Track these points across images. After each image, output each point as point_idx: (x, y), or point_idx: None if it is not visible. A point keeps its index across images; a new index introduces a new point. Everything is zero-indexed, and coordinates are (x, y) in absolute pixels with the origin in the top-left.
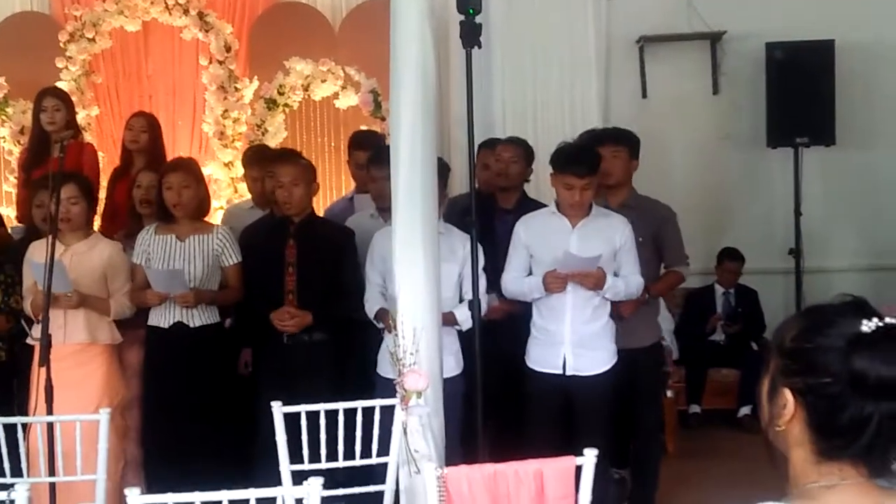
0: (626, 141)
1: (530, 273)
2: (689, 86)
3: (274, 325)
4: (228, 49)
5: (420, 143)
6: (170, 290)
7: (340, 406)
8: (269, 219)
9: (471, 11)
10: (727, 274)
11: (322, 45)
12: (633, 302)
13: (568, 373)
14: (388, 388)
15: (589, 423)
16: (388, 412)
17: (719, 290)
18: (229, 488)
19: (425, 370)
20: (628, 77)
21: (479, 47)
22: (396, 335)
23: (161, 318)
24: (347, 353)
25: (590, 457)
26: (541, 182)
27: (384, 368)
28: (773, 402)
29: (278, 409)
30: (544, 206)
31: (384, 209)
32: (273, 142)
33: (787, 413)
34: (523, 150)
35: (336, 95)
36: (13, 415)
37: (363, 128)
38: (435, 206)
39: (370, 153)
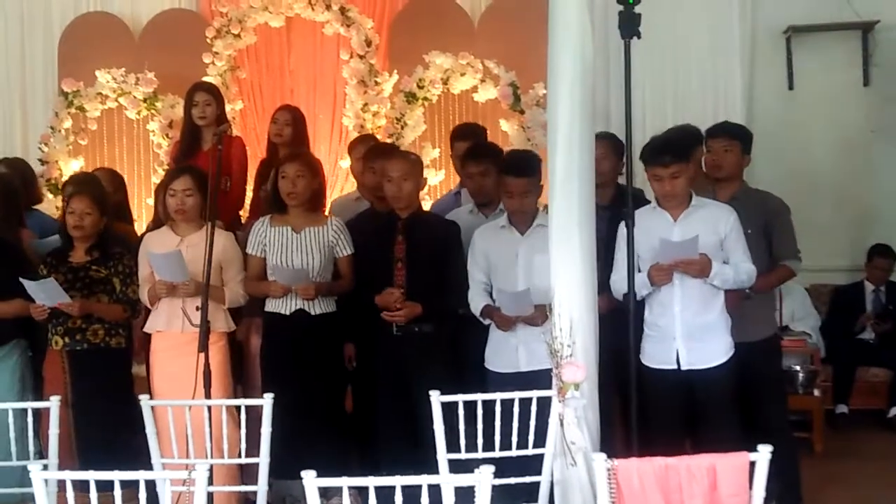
0: (739, 136)
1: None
2: (839, 77)
3: (381, 315)
4: (369, 44)
5: (578, 132)
6: (293, 284)
7: (498, 396)
8: (373, 213)
9: (630, 1)
10: (877, 271)
11: (461, 39)
12: (734, 297)
13: (683, 367)
14: (502, 383)
15: (713, 418)
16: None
17: (869, 287)
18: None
19: (582, 362)
20: (774, 68)
21: (639, 37)
22: (553, 326)
23: (282, 305)
24: (454, 346)
25: (764, 453)
26: None
27: (493, 363)
28: None
29: (436, 399)
30: (645, 198)
31: (483, 205)
32: (412, 135)
33: None
34: (612, 145)
35: (475, 89)
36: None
37: (468, 122)
38: (591, 197)
39: (467, 147)
